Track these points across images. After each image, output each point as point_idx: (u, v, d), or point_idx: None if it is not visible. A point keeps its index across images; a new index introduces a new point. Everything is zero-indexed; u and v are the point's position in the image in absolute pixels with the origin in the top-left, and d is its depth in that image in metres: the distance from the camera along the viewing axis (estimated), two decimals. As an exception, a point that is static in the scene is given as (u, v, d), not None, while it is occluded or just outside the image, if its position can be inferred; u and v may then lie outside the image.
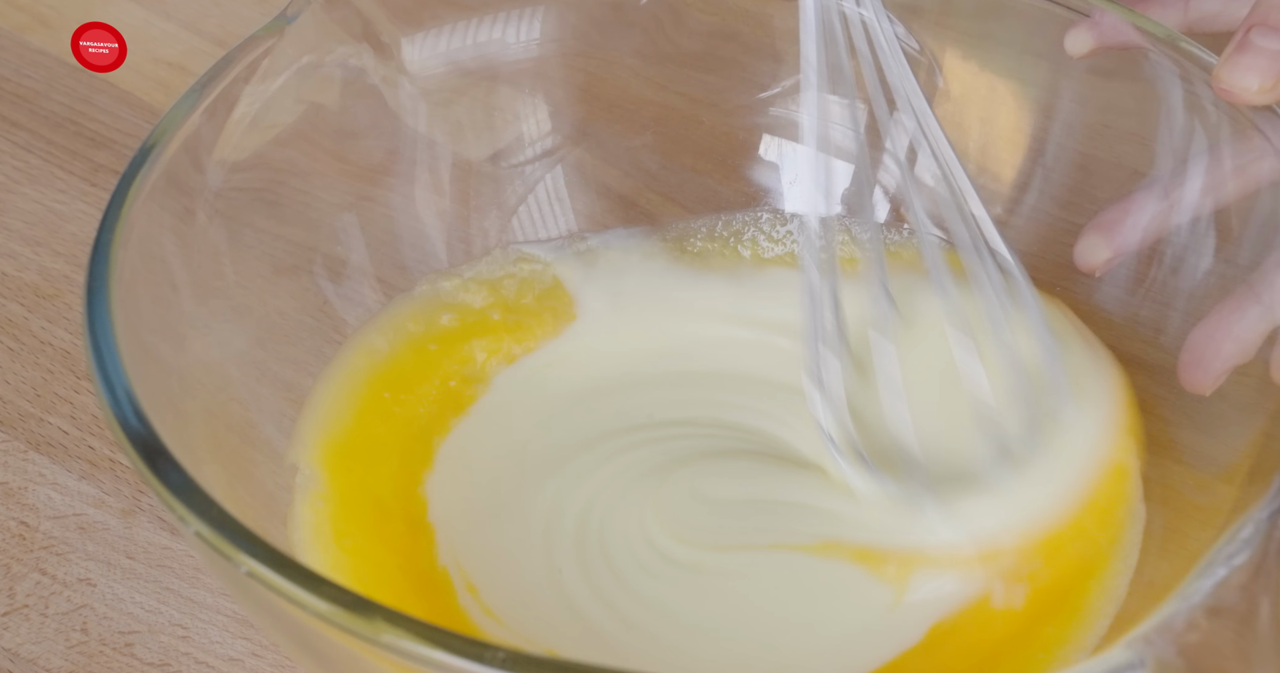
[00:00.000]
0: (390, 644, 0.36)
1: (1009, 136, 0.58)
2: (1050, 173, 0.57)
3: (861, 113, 0.52)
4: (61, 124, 0.67)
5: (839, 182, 0.58)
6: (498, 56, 0.59)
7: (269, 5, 0.71)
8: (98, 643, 0.51)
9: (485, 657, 0.35)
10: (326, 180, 0.56)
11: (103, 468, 0.56)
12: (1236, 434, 0.48)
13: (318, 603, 0.36)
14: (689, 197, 0.61)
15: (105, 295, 0.43)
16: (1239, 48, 0.48)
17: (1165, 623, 0.37)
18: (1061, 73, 0.55)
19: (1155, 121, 0.53)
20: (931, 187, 0.52)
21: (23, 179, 0.65)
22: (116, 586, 0.52)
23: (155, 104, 0.68)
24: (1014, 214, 0.58)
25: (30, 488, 0.55)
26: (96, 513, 0.54)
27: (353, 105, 0.56)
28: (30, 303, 0.61)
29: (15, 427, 0.57)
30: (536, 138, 0.61)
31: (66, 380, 0.58)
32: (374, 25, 0.56)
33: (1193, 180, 0.52)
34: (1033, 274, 0.57)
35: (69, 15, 0.71)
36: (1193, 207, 0.52)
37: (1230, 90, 0.48)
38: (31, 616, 0.52)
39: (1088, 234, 0.53)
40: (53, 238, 0.63)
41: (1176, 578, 0.40)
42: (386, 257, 0.57)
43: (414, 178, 0.58)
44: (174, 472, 0.39)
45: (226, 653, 0.51)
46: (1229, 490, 0.46)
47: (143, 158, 0.47)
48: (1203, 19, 0.56)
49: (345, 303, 0.56)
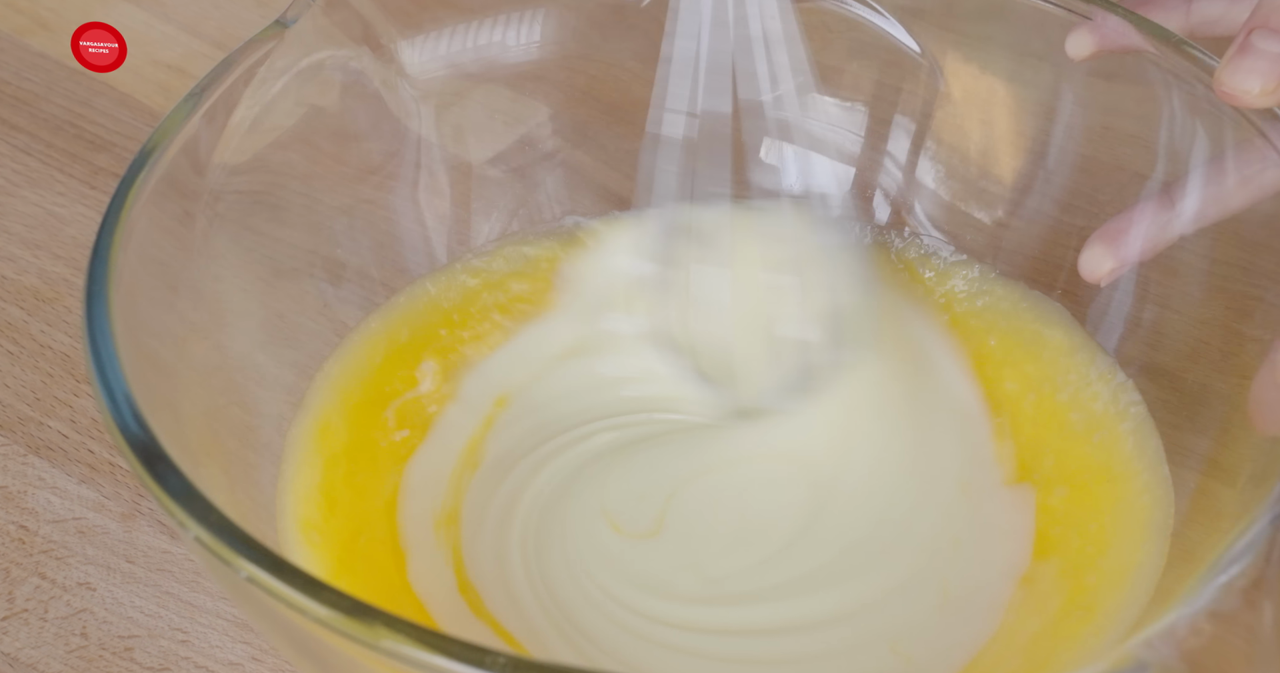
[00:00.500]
0: (390, 650, 0.36)
1: (1010, 139, 0.58)
2: (1051, 175, 0.57)
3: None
4: (61, 127, 0.67)
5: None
6: (498, 59, 0.59)
7: (269, 8, 0.71)
8: (97, 647, 0.51)
9: (485, 662, 0.35)
10: (326, 183, 0.56)
11: (102, 472, 0.55)
12: (1239, 438, 0.48)
13: (317, 608, 0.36)
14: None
15: (105, 299, 0.43)
16: (1240, 50, 0.48)
17: (1169, 628, 0.37)
18: (1062, 75, 0.55)
19: (1156, 124, 0.53)
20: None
21: (22, 182, 0.65)
22: (116, 590, 0.52)
23: (155, 107, 0.68)
24: (1015, 216, 0.58)
25: (30, 492, 0.55)
26: (96, 517, 0.54)
27: (353, 108, 0.56)
28: (30, 306, 0.61)
29: (15, 430, 0.57)
30: (536, 140, 0.61)
31: (66, 384, 0.58)
32: (374, 28, 0.56)
33: (1198, 191, 0.52)
34: (1034, 276, 0.57)
35: (69, 18, 0.71)
36: (1198, 217, 0.52)
37: (1232, 93, 0.48)
38: (31, 620, 0.52)
39: (1092, 245, 0.53)
40: (52, 241, 0.63)
41: (1180, 583, 0.40)
42: (387, 259, 0.57)
43: (414, 180, 0.58)
44: (173, 476, 0.39)
45: (226, 657, 0.51)
46: (1232, 495, 0.46)
47: (142, 161, 0.47)
48: (1205, 23, 0.56)
49: (345, 306, 0.56)
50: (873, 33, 0.58)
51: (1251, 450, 0.47)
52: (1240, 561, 0.39)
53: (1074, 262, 0.54)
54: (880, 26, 0.58)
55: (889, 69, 0.59)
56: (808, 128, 0.52)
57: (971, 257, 0.58)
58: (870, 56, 0.59)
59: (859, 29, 0.58)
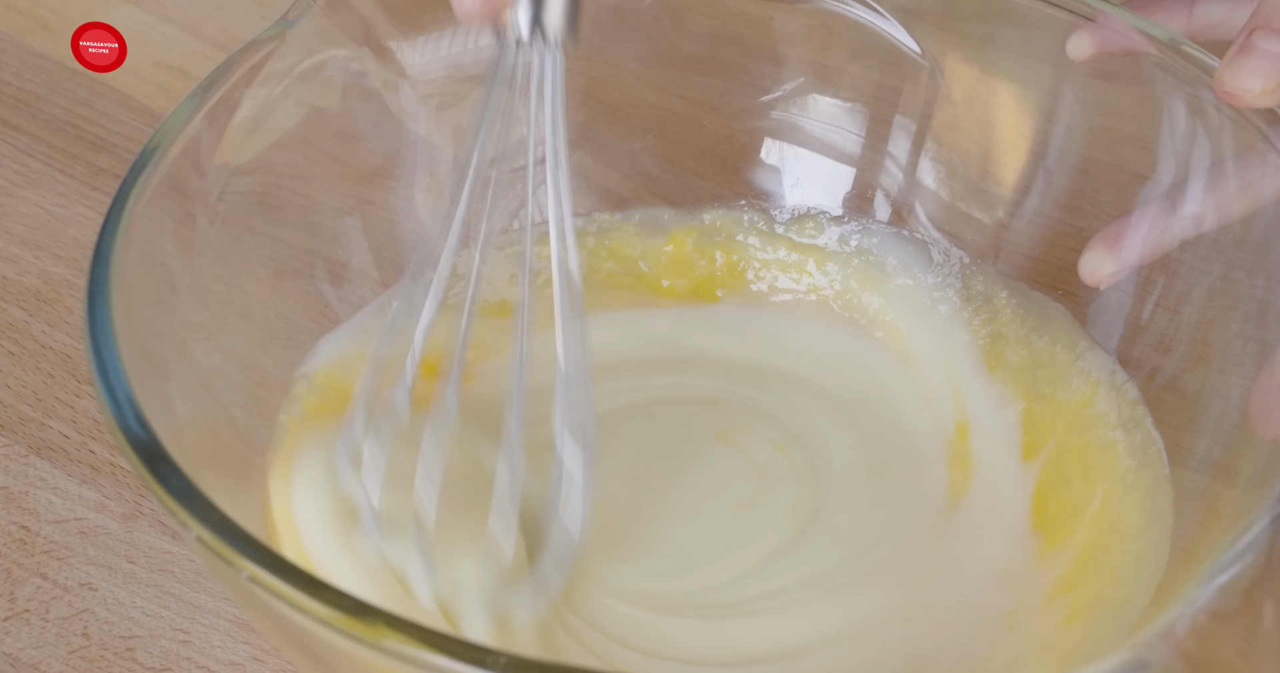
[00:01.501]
0: (392, 649, 0.36)
1: (1010, 140, 0.58)
2: (1052, 176, 0.57)
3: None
4: (62, 128, 0.67)
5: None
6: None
7: (269, 9, 0.71)
8: (99, 648, 0.51)
9: (487, 662, 0.35)
10: (327, 184, 0.56)
11: (104, 472, 0.55)
12: (1239, 439, 0.48)
13: (319, 608, 0.36)
14: (689, 200, 0.61)
15: (106, 300, 0.43)
16: (1241, 50, 0.48)
17: (1169, 627, 0.37)
18: (1063, 76, 0.55)
19: (1157, 125, 0.53)
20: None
21: (23, 183, 0.65)
22: (118, 590, 0.52)
23: (156, 107, 0.68)
24: (1015, 217, 0.58)
25: (31, 492, 0.55)
26: (97, 517, 0.54)
27: (354, 109, 0.56)
28: (31, 307, 0.61)
29: (16, 431, 0.57)
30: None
31: (67, 385, 0.58)
32: (375, 29, 0.56)
33: (1198, 195, 0.52)
34: (1035, 277, 0.57)
35: (69, 19, 0.71)
36: (1199, 221, 0.52)
37: (1233, 92, 0.48)
38: (32, 620, 0.52)
39: (1092, 248, 0.53)
40: (53, 242, 0.63)
41: (1181, 582, 0.40)
42: (387, 260, 0.57)
43: (415, 181, 0.58)
44: (175, 477, 0.39)
45: (228, 658, 0.51)
46: (1232, 495, 0.46)
47: (144, 162, 0.47)
48: (1207, 26, 0.56)
49: (346, 307, 0.56)
50: (873, 34, 0.58)
51: (1252, 451, 0.47)
52: (1241, 561, 0.39)
53: (1074, 262, 0.54)
54: (881, 27, 0.58)
55: (889, 70, 0.59)
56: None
57: (973, 256, 0.58)
58: (871, 57, 0.59)
59: (859, 30, 0.58)
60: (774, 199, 0.61)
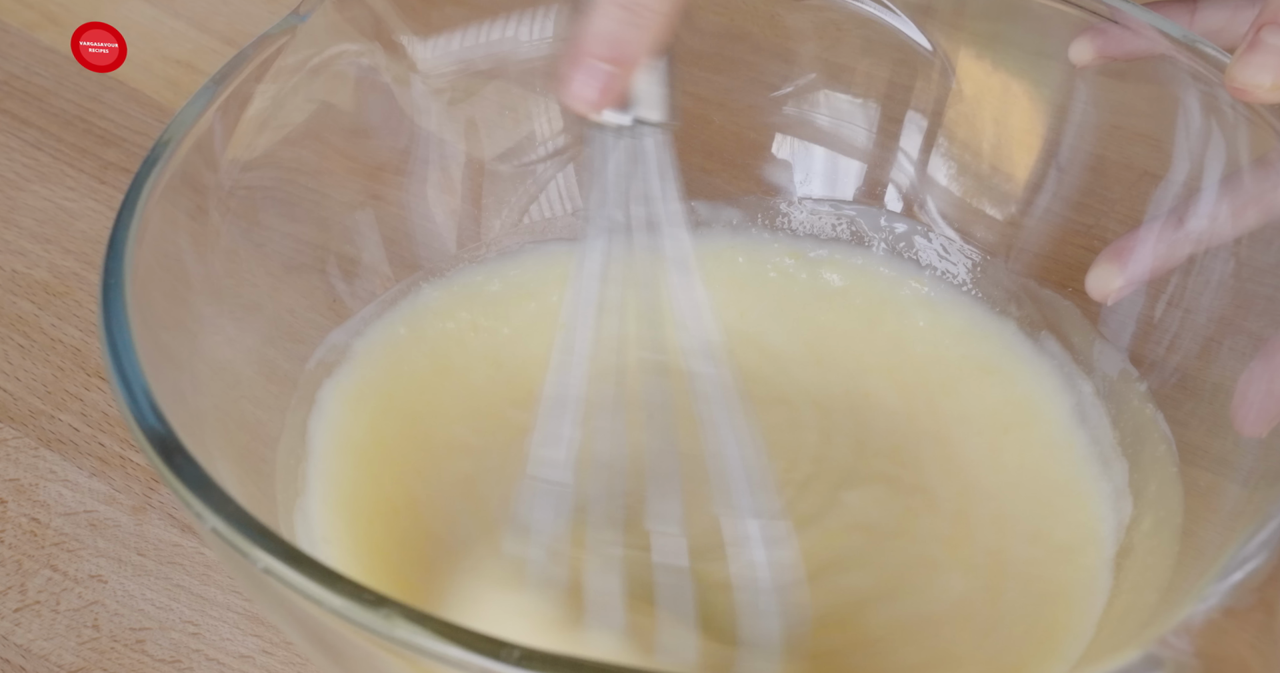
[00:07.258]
0: (406, 640, 0.36)
1: (1021, 137, 0.58)
2: (1063, 174, 0.57)
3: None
4: (71, 122, 0.67)
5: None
6: (509, 55, 0.59)
7: (277, 4, 0.71)
8: (109, 639, 0.51)
9: (501, 654, 0.35)
10: (338, 179, 0.56)
11: (113, 465, 0.56)
12: (1252, 437, 0.48)
13: (333, 599, 0.36)
14: (699, 196, 0.61)
15: (121, 293, 0.43)
16: (1251, 46, 0.48)
17: (1182, 625, 0.37)
18: (1074, 74, 0.55)
19: (1171, 123, 0.53)
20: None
21: (33, 177, 0.65)
22: (127, 582, 0.52)
23: (164, 102, 0.68)
24: (1026, 215, 0.58)
25: (41, 485, 0.55)
26: (107, 510, 0.54)
27: (364, 104, 0.56)
28: (41, 300, 0.61)
29: (26, 424, 0.57)
30: (548, 136, 0.61)
31: (77, 378, 0.58)
32: (386, 24, 0.56)
33: (1209, 209, 0.52)
34: (1045, 275, 0.57)
35: (78, 13, 0.71)
36: (1208, 236, 0.52)
37: (1244, 88, 0.48)
38: (43, 612, 0.52)
39: (1101, 263, 0.53)
40: (63, 235, 0.63)
41: (1192, 580, 0.40)
42: (398, 255, 0.57)
43: (425, 177, 0.58)
44: (191, 468, 0.39)
45: (237, 650, 0.51)
46: (1244, 493, 0.46)
47: (156, 156, 0.47)
48: (1208, 33, 0.56)
49: (357, 301, 0.56)
50: (884, 30, 0.58)
51: (1263, 449, 0.47)
52: (1254, 558, 0.39)
53: (1085, 260, 0.54)
54: (892, 24, 0.58)
55: (901, 66, 0.59)
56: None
57: (984, 252, 0.58)
58: (882, 54, 0.59)
59: (870, 27, 0.58)
60: (784, 195, 0.61)
